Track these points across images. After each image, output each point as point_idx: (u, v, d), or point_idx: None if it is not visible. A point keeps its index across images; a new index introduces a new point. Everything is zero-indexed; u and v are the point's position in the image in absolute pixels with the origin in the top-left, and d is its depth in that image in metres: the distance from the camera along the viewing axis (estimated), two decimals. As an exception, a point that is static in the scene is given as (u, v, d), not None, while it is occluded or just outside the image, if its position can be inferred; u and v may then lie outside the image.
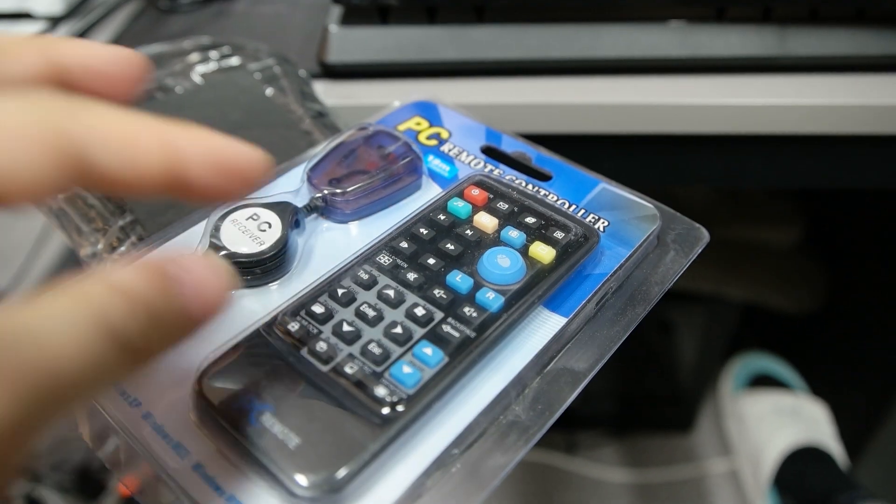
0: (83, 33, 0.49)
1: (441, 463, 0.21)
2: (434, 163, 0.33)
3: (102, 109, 0.16)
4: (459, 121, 0.36)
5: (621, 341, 0.26)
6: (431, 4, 0.44)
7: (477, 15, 0.44)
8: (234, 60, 0.44)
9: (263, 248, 0.26)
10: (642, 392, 0.99)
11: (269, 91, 0.41)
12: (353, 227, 0.30)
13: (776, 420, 0.85)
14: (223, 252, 0.26)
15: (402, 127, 0.35)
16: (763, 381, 0.93)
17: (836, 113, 0.42)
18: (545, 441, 1.00)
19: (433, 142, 0.34)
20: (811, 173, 0.46)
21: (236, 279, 0.18)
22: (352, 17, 0.46)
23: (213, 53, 0.45)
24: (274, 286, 0.27)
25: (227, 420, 0.20)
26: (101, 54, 0.19)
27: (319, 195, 0.29)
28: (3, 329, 0.13)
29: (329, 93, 0.44)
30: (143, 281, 0.16)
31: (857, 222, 0.88)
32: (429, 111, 0.36)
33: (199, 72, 0.43)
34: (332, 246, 0.29)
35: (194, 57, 0.44)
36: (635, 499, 0.94)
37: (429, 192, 0.31)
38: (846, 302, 0.90)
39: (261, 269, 0.26)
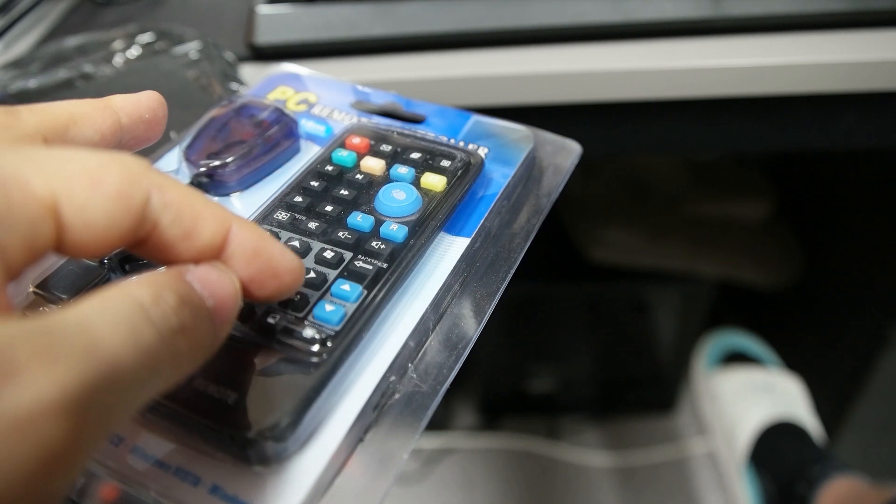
0: (10, 26, 0.48)
1: (382, 391, 0.22)
2: (308, 125, 0.33)
3: (172, 180, 0.17)
4: (325, 83, 0.36)
5: (525, 249, 0.28)
6: (357, -21, 0.43)
7: (404, -12, 0.43)
8: (160, 46, 0.43)
9: None
10: (622, 374, 0.98)
11: (191, 74, 0.40)
12: (235, 198, 0.29)
13: (749, 396, 0.84)
14: None
15: (269, 98, 0.35)
16: (736, 358, 0.92)
17: (774, 73, 0.41)
18: (527, 428, 1.00)
19: (303, 107, 0.34)
20: (754, 136, 0.45)
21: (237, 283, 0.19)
22: (279, -4, 0.45)
23: (139, 39, 0.44)
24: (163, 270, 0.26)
25: (166, 398, 0.19)
26: (141, 101, 0.22)
27: (203, 170, 0.29)
28: (57, 322, 0.14)
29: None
30: (172, 279, 0.17)
31: (829, 193, 0.87)
32: (292, 80, 0.36)
33: (121, 58, 0.42)
34: None
35: (118, 45, 0.43)
36: (618, 483, 0.94)
37: (308, 154, 0.31)
38: (822, 274, 0.89)
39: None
